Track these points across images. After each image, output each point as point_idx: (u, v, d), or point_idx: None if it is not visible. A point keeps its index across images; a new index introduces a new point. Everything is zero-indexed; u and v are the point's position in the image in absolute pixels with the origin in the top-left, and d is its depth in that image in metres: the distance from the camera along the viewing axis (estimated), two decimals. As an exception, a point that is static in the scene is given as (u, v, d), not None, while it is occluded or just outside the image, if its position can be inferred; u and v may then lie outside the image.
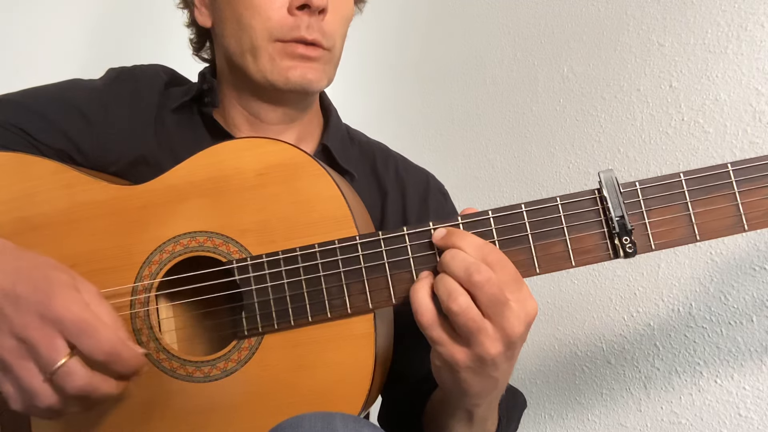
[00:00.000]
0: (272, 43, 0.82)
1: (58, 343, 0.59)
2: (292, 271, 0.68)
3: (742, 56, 1.05)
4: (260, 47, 0.83)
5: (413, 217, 0.94)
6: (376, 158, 0.98)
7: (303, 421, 0.59)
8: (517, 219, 0.64)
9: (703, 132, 1.10)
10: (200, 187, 0.72)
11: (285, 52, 0.83)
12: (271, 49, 0.83)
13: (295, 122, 0.93)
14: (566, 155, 1.32)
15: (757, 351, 1.02)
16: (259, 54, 0.83)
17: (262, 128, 0.91)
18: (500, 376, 0.64)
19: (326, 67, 0.86)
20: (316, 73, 0.84)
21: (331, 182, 0.70)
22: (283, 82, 0.83)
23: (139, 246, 0.72)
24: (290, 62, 0.83)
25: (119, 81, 0.91)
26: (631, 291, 1.19)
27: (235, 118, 0.92)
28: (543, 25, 1.39)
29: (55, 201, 0.74)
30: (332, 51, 0.86)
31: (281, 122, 0.91)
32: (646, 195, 0.63)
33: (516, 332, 0.60)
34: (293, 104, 0.90)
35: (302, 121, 0.94)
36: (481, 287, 0.59)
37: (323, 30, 0.83)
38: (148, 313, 0.71)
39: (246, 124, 0.92)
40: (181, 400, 0.70)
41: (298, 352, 0.69)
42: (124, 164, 0.85)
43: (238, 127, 0.92)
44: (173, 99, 0.91)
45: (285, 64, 0.83)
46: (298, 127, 0.94)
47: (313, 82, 0.84)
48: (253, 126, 0.91)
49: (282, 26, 0.82)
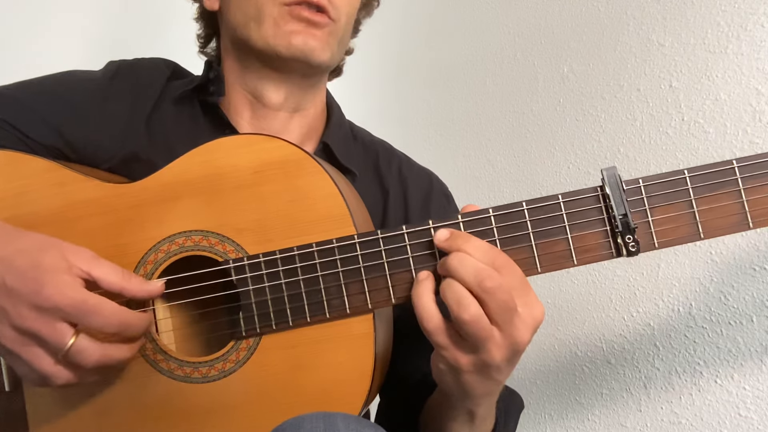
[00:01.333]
0: (277, 6, 0.82)
1: (60, 327, 0.59)
2: (289, 270, 0.67)
3: (742, 56, 1.05)
4: (265, 12, 0.82)
5: (415, 218, 0.93)
6: (379, 157, 0.97)
7: (304, 422, 0.59)
8: (518, 217, 0.64)
9: (703, 132, 1.09)
10: (195, 185, 0.71)
11: (291, 15, 0.82)
12: (276, 12, 0.82)
13: (299, 112, 0.92)
14: (566, 155, 1.32)
15: (757, 351, 1.02)
16: (264, 19, 0.82)
17: (264, 114, 0.90)
18: (503, 378, 0.64)
19: (330, 39, 0.85)
20: (319, 42, 0.83)
21: (328, 180, 0.69)
22: (285, 46, 0.82)
23: (133, 245, 0.71)
24: (295, 25, 0.82)
25: (118, 76, 0.89)
26: (631, 291, 1.18)
27: (237, 104, 0.90)
28: (543, 25, 1.39)
29: (47, 200, 0.73)
30: (337, 24, 0.85)
31: (283, 108, 0.90)
32: (649, 192, 0.62)
33: (523, 339, 0.60)
34: (296, 81, 0.89)
35: (306, 112, 0.93)
36: (493, 294, 0.58)
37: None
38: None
39: (248, 110, 0.90)
40: (179, 401, 0.69)
41: (296, 352, 0.68)
42: (116, 162, 0.84)
43: (240, 113, 0.90)
44: (174, 90, 0.90)
45: (289, 27, 0.82)
46: (301, 119, 0.92)
47: (315, 50, 0.83)
48: (255, 111, 0.90)
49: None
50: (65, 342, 0.59)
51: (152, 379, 0.70)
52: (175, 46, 1.03)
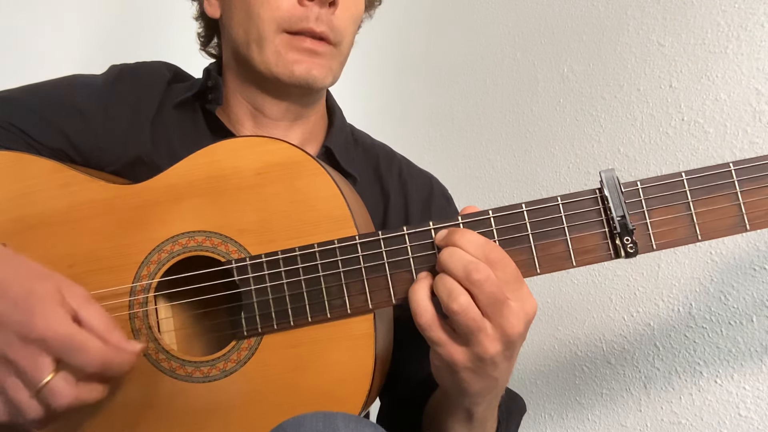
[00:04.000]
0: (279, 34, 0.81)
1: (41, 361, 0.58)
2: (291, 271, 0.68)
3: (742, 56, 1.05)
4: (267, 38, 0.81)
5: (416, 221, 0.92)
6: (379, 161, 0.97)
7: (304, 421, 0.59)
8: (517, 219, 0.64)
9: (703, 132, 1.09)
10: (198, 186, 0.72)
11: (291, 45, 0.81)
12: (278, 41, 0.81)
13: (300, 120, 0.92)
14: (566, 155, 1.32)
15: (757, 351, 1.02)
16: (265, 45, 0.82)
17: (265, 124, 0.90)
18: (499, 376, 0.64)
19: (332, 64, 0.85)
20: (322, 70, 0.83)
21: (330, 181, 0.69)
22: (287, 75, 0.82)
23: (137, 246, 0.72)
24: (296, 56, 0.82)
25: (121, 80, 0.89)
26: (631, 291, 1.18)
27: (238, 113, 0.90)
28: (543, 25, 1.39)
29: (52, 200, 0.74)
30: (339, 48, 0.85)
31: (284, 119, 0.90)
32: (647, 195, 0.63)
33: (515, 331, 0.60)
34: (296, 99, 0.89)
35: (307, 120, 0.93)
36: (480, 286, 0.58)
37: (332, 24, 0.82)
38: (147, 314, 0.71)
39: (249, 120, 0.90)
40: (181, 401, 0.70)
41: (297, 352, 0.68)
42: (121, 164, 0.85)
43: (241, 122, 0.91)
44: (175, 95, 0.90)
45: (291, 57, 0.81)
46: (302, 126, 0.92)
47: (317, 78, 0.83)
48: (257, 121, 0.90)
49: (291, 16, 0.80)
50: (42, 377, 0.58)
51: (154, 379, 0.70)
52: (176, 45, 1.03)
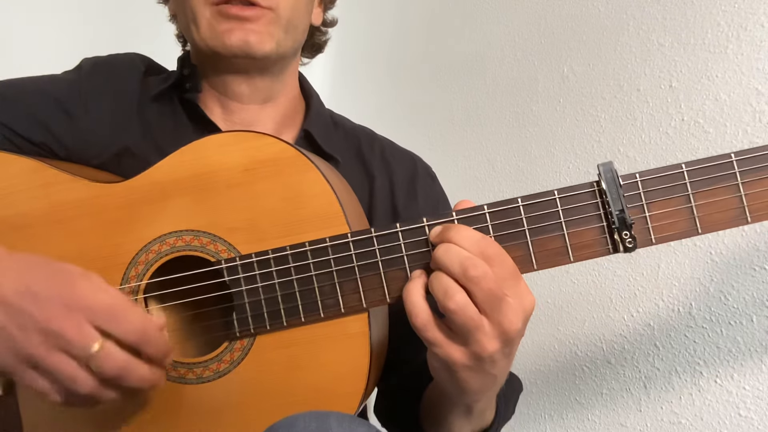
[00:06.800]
0: (208, 7, 0.81)
1: (88, 329, 0.58)
2: (283, 270, 0.66)
3: (742, 56, 1.05)
4: (198, 14, 0.81)
5: (402, 201, 0.92)
6: (361, 142, 0.96)
7: (297, 421, 0.58)
8: (513, 214, 0.63)
9: (703, 132, 1.09)
10: (185, 184, 0.70)
11: (220, 14, 0.80)
12: (208, 13, 0.81)
13: (270, 103, 0.91)
14: (566, 155, 1.32)
15: (757, 351, 1.01)
16: (199, 21, 0.81)
17: (233, 108, 0.89)
18: (498, 373, 0.63)
19: (271, 29, 0.82)
20: (258, 36, 0.81)
21: (320, 177, 0.68)
22: (222, 46, 0.81)
23: (124, 246, 0.70)
24: (227, 24, 0.80)
25: (96, 72, 0.88)
26: (631, 291, 1.18)
27: (208, 100, 0.90)
28: (543, 25, 1.39)
29: (34, 201, 0.72)
30: (276, 11, 0.82)
31: (251, 101, 0.89)
32: (646, 187, 0.61)
33: (514, 328, 0.59)
34: (253, 75, 0.87)
35: (277, 102, 0.92)
36: (477, 283, 0.57)
37: None
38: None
39: (218, 106, 0.90)
40: (174, 402, 0.69)
41: (291, 352, 0.67)
42: (107, 156, 0.83)
43: (211, 109, 0.90)
44: (152, 87, 0.89)
45: (222, 27, 0.80)
46: (273, 108, 0.91)
47: (254, 44, 0.81)
48: (224, 106, 0.89)
49: None
50: (92, 344, 0.58)
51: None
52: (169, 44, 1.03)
